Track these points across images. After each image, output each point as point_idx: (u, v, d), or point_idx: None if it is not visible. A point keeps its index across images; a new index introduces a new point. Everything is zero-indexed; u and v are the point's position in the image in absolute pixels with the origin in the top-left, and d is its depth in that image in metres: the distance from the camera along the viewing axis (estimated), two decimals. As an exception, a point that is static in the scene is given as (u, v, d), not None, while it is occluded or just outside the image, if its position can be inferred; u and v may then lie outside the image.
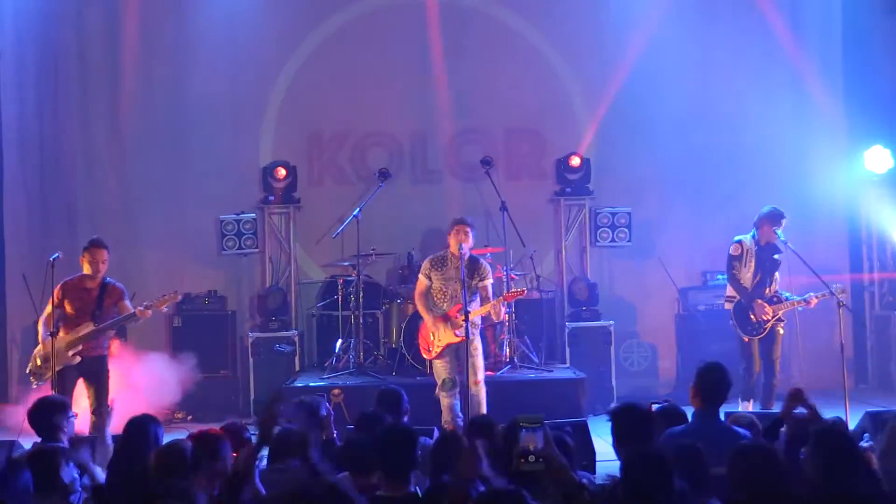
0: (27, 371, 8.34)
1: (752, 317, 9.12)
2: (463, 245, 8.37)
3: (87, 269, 8.31)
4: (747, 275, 9.16)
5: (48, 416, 5.84)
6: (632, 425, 4.70)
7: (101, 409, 8.19)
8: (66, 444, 5.72)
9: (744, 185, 11.50)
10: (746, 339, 9.17)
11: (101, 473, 5.34)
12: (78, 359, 8.18)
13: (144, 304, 8.26)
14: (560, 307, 11.30)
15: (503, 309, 8.71)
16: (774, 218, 9.14)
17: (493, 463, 4.43)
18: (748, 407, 8.74)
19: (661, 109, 11.53)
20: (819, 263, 10.21)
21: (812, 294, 9.10)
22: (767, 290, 9.17)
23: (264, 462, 5.09)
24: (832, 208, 11.66)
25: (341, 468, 4.95)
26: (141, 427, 5.34)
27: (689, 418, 5.39)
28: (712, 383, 5.29)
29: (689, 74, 11.61)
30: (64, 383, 8.19)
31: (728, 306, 9.34)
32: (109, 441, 7.33)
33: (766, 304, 9.06)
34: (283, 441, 5.02)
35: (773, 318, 9.10)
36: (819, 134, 11.61)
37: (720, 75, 11.61)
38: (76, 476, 4.95)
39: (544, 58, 11.67)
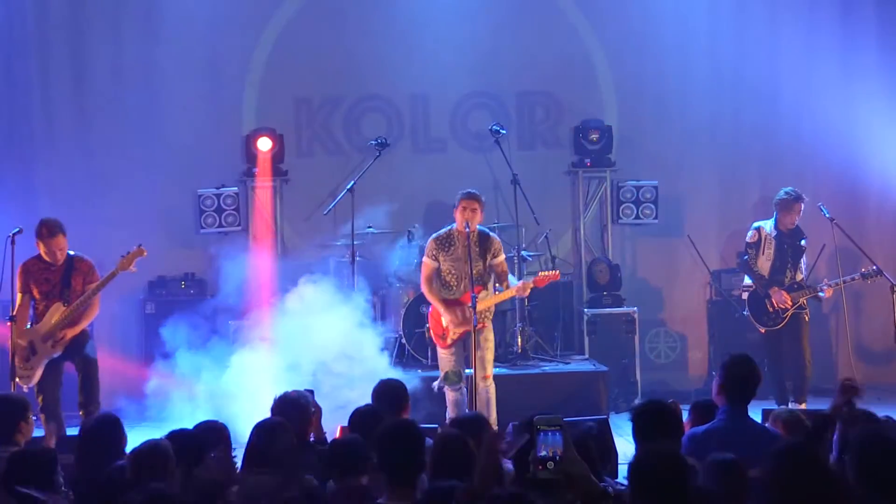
0: (17, 378, 8.34)
1: (768, 306, 9.30)
2: (469, 223, 8.33)
3: (45, 256, 8.34)
4: (766, 263, 9.40)
5: (4, 416, 5.83)
6: (657, 425, 4.67)
7: (90, 405, 8.23)
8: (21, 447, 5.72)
9: (783, 155, 11.50)
10: (763, 331, 9.37)
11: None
12: (60, 349, 8.24)
13: (111, 271, 8.35)
14: (578, 292, 11.29)
15: (528, 291, 8.64)
16: (786, 204, 9.32)
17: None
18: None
19: (692, 72, 11.55)
20: (870, 243, 10.22)
21: (827, 282, 9.24)
22: (787, 278, 9.34)
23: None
24: (884, 180, 11.62)
25: (330, 469, 4.92)
26: (101, 430, 5.31)
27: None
28: (739, 378, 5.31)
29: (722, 34, 11.58)
30: (50, 380, 8.26)
31: (745, 296, 9.59)
32: None
33: (783, 292, 9.20)
34: (264, 442, 4.98)
35: (792, 306, 9.23)
36: (869, 96, 11.56)
37: (756, 35, 11.59)
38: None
39: (563, 13, 11.64)
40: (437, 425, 7.08)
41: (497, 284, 8.50)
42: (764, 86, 11.57)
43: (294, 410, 5.67)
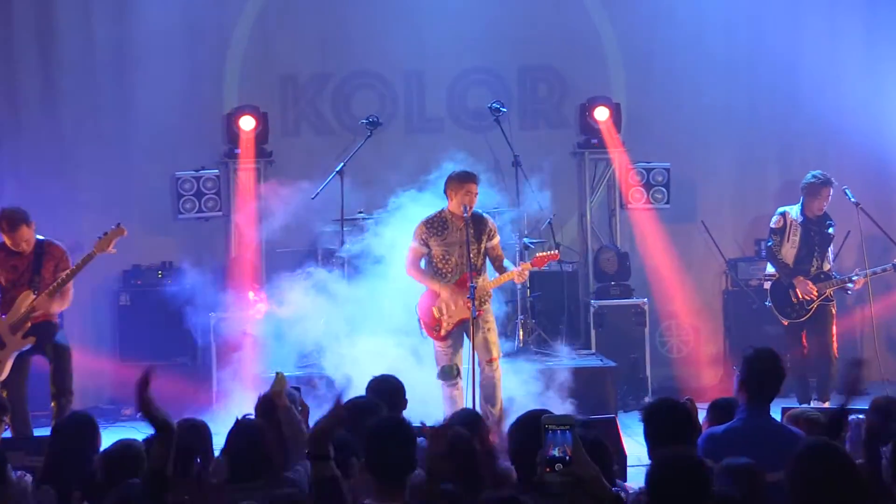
0: None
1: (793, 297, 9.32)
2: (467, 207, 8.29)
3: (10, 247, 8.32)
4: (790, 250, 9.41)
5: None
6: (670, 426, 4.65)
7: (63, 396, 8.20)
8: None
9: (805, 135, 11.49)
10: (786, 324, 9.39)
11: None
12: (32, 340, 8.22)
13: (87, 252, 8.31)
14: (584, 282, 11.28)
15: (526, 275, 8.64)
16: (813, 188, 9.28)
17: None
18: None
19: (706, 45, 11.52)
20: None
21: (859, 272, 9.23)
22: (814, 267, 9.34)
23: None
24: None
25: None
26: (74, 429, 5.29)
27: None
28: (761, 373, 5.30)
29: (738, 5, 11.54)
30: (17, 374, 8.23)
31: (767, 286, 9.62)
32: None
33: (809, 282, 9.21)
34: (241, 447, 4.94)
35: (818, 297, 9.24)
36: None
37: (775, 5, 11.55)
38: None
39: (567, -17, 11.61)
40: (432, 425, 7.08)
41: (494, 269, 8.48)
42: (783, 60, 11.54)
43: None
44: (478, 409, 7.73)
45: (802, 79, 11.59)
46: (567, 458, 3.73)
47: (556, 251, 8.80)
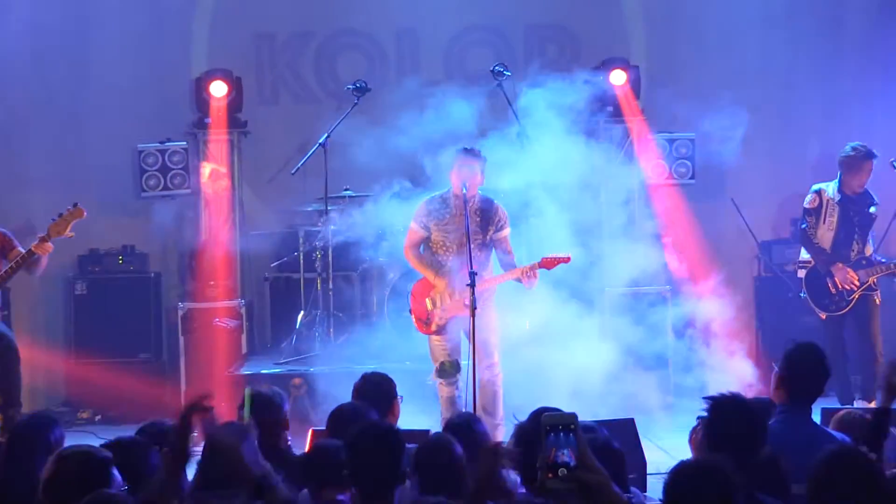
0: None
1: (831, 287, 9.30)
2: (468, 184, 8.24)
3: None
4: (827, 233, 9.41)
5: None
6: (738, 431, 4.53)
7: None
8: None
9: (848, 102, 11.43)
10: (824, 317, 9.39)
11: None
12: None
13: (39, 235, 8.30)
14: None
15: (536, 278, 8.44)
16: (853, 162, 9.26)
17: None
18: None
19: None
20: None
21: None
22: (854, 252, 9.33)
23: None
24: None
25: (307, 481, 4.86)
26: (33, 434, 5.22)
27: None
28: (804, 371, 5.32)
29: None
30: None
31: (801, 274, 9.57)
32: None
33: (849, 269, 9.17)
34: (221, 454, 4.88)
35: (860, 286, 9.18)
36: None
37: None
38: None
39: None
40: (428, 428, 7.04)
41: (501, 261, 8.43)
42: (825, 16, 11.51)
43: (266, 412, 5.59)
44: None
45: (846, 37, 11.58)
46: (571, 462, 3.67)
47: (569, 255, 8.57)
